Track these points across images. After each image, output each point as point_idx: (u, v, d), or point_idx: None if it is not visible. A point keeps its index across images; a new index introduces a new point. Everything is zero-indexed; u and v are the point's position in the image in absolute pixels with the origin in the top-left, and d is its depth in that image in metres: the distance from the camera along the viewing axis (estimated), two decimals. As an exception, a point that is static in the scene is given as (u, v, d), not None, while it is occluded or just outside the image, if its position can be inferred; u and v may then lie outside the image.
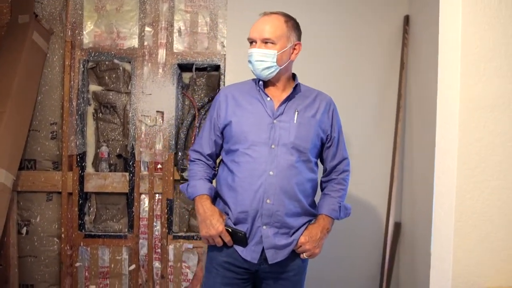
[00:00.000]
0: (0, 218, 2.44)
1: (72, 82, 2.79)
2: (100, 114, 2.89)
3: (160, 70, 2.84)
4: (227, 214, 1.82)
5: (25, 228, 2.79)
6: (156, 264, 2.86)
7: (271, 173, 1.75)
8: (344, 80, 2.90)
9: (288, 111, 1.82)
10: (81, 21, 2.80)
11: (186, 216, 2.96)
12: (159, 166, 2.86)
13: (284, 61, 1.81)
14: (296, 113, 1.82)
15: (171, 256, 2.86)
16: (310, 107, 1.86)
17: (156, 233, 2.86)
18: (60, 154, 2.81)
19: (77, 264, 2.81)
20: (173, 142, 2.86)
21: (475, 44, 1.24)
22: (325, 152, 1.93)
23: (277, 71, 1.80)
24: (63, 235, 2.81)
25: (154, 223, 2.86)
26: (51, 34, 2.79)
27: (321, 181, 2.00)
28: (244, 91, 1.89)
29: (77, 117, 2.80)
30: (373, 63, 2.95)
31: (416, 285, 2.85)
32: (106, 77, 2.85)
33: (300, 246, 1.81)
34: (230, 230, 1.79)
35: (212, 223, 1.77)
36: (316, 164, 1.91)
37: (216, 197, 1.92)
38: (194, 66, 2.87)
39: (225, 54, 2.88)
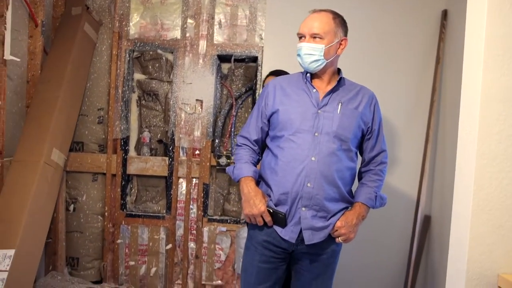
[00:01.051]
0: (53, 194, 2.64)
1: (118, 71, 2.97)
2: (143, 101, 3.06)
3: (201, 61, 2.98)
4: (269, 196, 1.93)
5: (72, 205, 3.00)
6: (191, 244, 3.01)
7: (313, 158, 1.84)
8: (380, 73, 2.95)
9: (332, 103, 1.92)
10: (128, 13, 2.97)
11: (221, 201, 3.09)
12: (197, 152, 3.00)
13: (331, 55, 1.91)
14: (340, 104, 1.91)
15: (205, 238, 3.01)
16: (353, 100, 1.95)
17: (192, 215, 3.01)
18: (106, 138, 3.01)
19: (119, 241, 3.01)
20: (211, 130, 2.99)
21: (499, 39, 1.29)
22: (365, 143, 2.02)
23: (324, 64, 1.90)
24: (106, 214, 3.01)
25: (191, 206, 3.01)
26: (101, 25, 2.98)
27: (359, 171, 2.08)
28: (291, 82, 2.00)
29: (122, 103, 2.98)
30: (409, 57, 2.98)
31: (445, 279, 2.87)
32: (150, 66, 3.02)
33: (336, 230, 1.90)
34: (271, 210, 1.90)
35: (255, 203, 1.89)
36: (356, 154, 2.00)
37: (259, 180, 2.04)
38: (233, 57, 2.99)
39: (263, 46, 2.99)
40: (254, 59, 3.04)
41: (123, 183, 3.00)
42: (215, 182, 3.09)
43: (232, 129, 3.05)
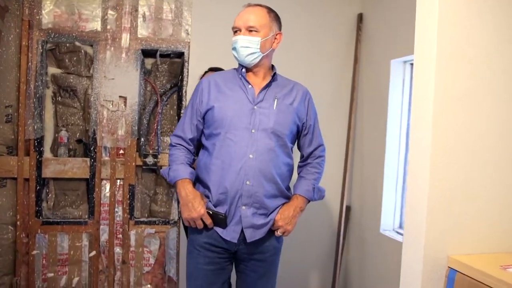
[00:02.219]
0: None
1: (29, 64, 2.68)
2: (60, 97, 2.80)
3: (124, 55, 2.81)
4: (207, 197, 1.90)
5: (-25, 215, 2.65)
6: (117, 249, 2.85)
7: (251, 156, 1.85)
8: (301, 72, 3.07)
9: (268, 98, 1.94)
10: None
11: (148, 202, 2.97)
12: (121, 151, 2.84)
13: (267, 49, 1.93)
14: (276, 100, 1.94)
15: (132, 242, 2.86)
16: (288, 96, 1.98)
17: (118, 218, 2.84)
18: (16, 139, 2.70)
19: (34, 252, 2.73)
20: (136, 128, 2.85)
21: (450, 44, 1.43)
22: (302, 139, 2.07)
23: (260, 57, 1.91)
24: (18, 223, 2.70)
25: (116, 209, 2.84)
26: (6, 11, 2.65)
27: (298, 166, 2.14)
28: (226, 79, 1.99)
29: (34, 100, 2.69)
30: (329, 57, 3.14)
31: (365, 261, 3.10)
32: (67, 60, 2.77)
33: (274, 223, 1.93)
34: (210, 212, 1.87)
35: (194, 206, 1.85)
36: (292, 149, 2.05)
37: (195, 182, 2.00)
38: (158, 52, 2.87)
39: (189, 42, 2.91)
40: (180, 55, 2.95)
41: (37, 187, 2.72)
42: (141, 183, 2.95)
43: (158, 127, 2.94)
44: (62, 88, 2.79)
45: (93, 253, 2.80)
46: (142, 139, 2.87)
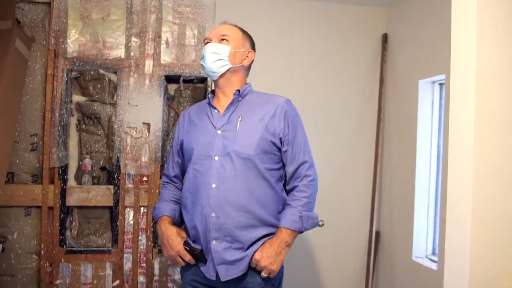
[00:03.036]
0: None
1: (55, 92, 2.69)
2: (84, 125, 2.80)
3: (147, 81, 2.81)
4: (187, 233, 1.84)
5: (0, 245, 2.63)
6: (141, 278, 2.79)
7: (213, 185, 1.73)
8: (328, 94, 3.01)
9: (232, 120, 1.81)
10: (65, 29, 2.72)
11: (172, 229, 2.91)
12: (144, 178, 2.80)
13: (236, 62, 1.86)
14: (240, 119, 1.79)
15: (156, 270, 2.80)
16: (257, 112, 1.81)
17: (141, 247, 2.79)
18: (41, 167, 2.70)
19: (58, 282, 2.69)
20: (159, 155, 2.82)
21: (490, 62, 1.35)
22: (283, 157, 1.83)
23: (227, 67, 1.83)
24: (42, 252, 2.68)
25: (139, 237, 2.79)
26: (33, 41, 2.69)
27: (286, 190, 1.90)
28: (199, 109, 1.96)
29: (59, 128, 2.70)
30: (354, 78, 3.08)
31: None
32: (91, 87, 2.78)
33: (256, 263, 1.71)
34: (187, 248, 1.79)
35: (169, 243, 1.80)
36: (273, 171, 1.82)
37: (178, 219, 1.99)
38: (181, 78, 2.86)
39: (212, 67, 2.90)
40: (203, 80, 2.94)
41: (62, 216, 2.70)
42: (165, 210, 2.90)
43: (182, 153, 2.90)
44: (86, 116, 2.79)
45: (117, 282, 2.75)
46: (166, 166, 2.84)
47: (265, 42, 2.90)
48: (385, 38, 3.10)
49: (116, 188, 2.75)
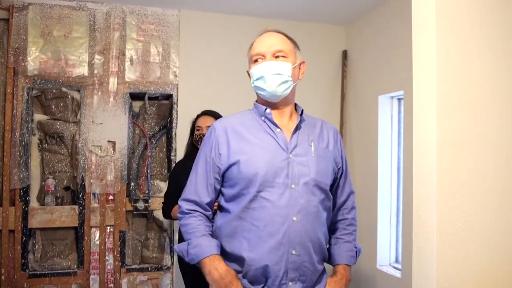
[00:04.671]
0: None
1: (14, 111, 2.62)
2: (46, 144, 2.73)
3: (111, 99, 2.78)
4: (240, 273, 1.50)
5: (-43, 272, 2.52)
6: (109, 300, 2.74)
7: (294, 218, 1.46)
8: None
9: (302, 143, 1.55)
10: (25, 46, 2.65)
11: (139, 248, 2.88)
12: (110, 197, 2.76)
13: (295, 78, 1.55)
14: (312, 144, 1.55)
15: (124, 291, 2.76)
16: (321, 137, 1.61)
17: (109, 267, 2.74)
18: (1, 189, 2.60)
19: (20, 308, 2.60)
20: (125, 173, 2.79)
21: (451, 82, 1.45)
22: (334, 187, 1.65)
23: (290, 88, 1.52)
24: (3, 277, 2.58)
25: (106, 257, 2.74)
26: (-9, 60, 2.61)
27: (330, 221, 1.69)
28: (245, 123, 1.57)
29: (20, 148, 2.62)
30: (317, 93, 3.17)
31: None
32: (53, 106, 2.72)
33: None
34: None
35: None
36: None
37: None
38: (146, 96, 2.85)
39: (177, 84, 2.91)
40: (168, 97, 2.94)
41: (24, 239, 2.61)
42: (132, 228, 2.87)
43: (148, 170, 2.88)
44: (48, 135, 2.73)
45: (83, 305, 2.69)
46: (132, 184, 2.81)
47: (227, 59, 2.93)
48: (345, 54, 3.22)
49: (81, 208, 2.70)
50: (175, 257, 2.77)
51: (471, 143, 1.50)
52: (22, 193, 2.61)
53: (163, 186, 2.85)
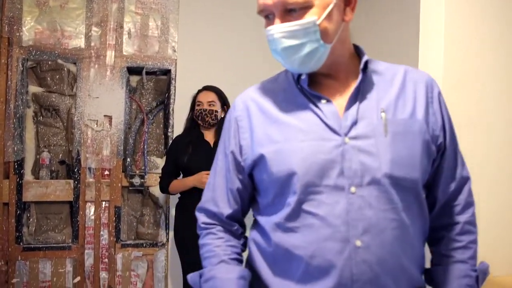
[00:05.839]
0: None
1: (9, 82, 2.56)
2: (41, 117, 2.68)
3: (108, 73, 2.73)
4: None
5: (-50, 243, 2.50)
6: (103, 274, 2.73)
7: (357, 243, 0.91)
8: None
9: (366, 116, 0.95)
10: (20, 16, 2.58)
11: (134, 224, 2.87)
12: (106, 172, 2.74)
13: (334, 31, 0.93)
14: (383, 116, 0.95)
15: (119, 266, 2.76)
16: (401, 100, 0.98)
17: (103, 242, 2.73)
18: (-6, 161, 2.57)
19: (14, 280, 2.59)
20: (122, 148, 2.76)
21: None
22: (433, 172, 1.02)
23: (326, 53, 0.93)
24: (-3, 250, 2.57)
25: (101, 232, 2.73)
26: (-16, 28, 2.54)
27: (430, 228, 1.06)
28: (275, 94, 1.03)
29: (14, 120, 2.57)
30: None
31: None
32: (48, 78, 2.66)
33: None
34: None
35: None
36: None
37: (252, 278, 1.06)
38: (144, 70, 2.80)
39: (176, 59, 2.86)
40: (166, 72, 2.89)
41: (18, 212, 2.59)
42: (127, 204, 2.86)
43: (145, 146, 2.85)
44: (43, 108, 2.68)
45: (78, 279, 2.68)
46: (128, 159, 2.78)
47: (234, 33, 2.87)
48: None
49: (76, 182, 2.67)
50: (170, 234, 2.76)
51: (477, 123, 1.49)
52: (16, 166, 2.57)
53: (160, 162, 2.82)
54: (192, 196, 2.30)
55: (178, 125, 2.70)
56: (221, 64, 2.93)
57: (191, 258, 2.35)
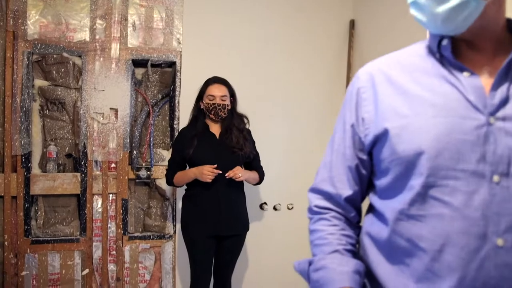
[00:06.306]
0: None
1: (15, 76, 2.56)
2: (47, 111, 2.69)
3: (113, 65, 2.72)
4: None
5: (-40, 236, 2.52)
6: (111, 266, 2.75)
7: (500, 242, 0.80)
8: (296, 79, 3.03)
9: None
10: (24, 9, 2.57)
11: (142, 216, 2.88)
12: (113, 165, 2.74)
13: None
14: None
15: (127, 258, 2.77)
16: None
17: (111, 234, 2.75)
18: (2, 155, 2.58)
19: (23, 273, 2.61)
20: (128, 140, 2.76)
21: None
22: None
23: (478, 11, 0.81)
24: (6, 243, 2.58)
25: (109, 224, 2.74)
26: (-10, 22, 2.54)
27: None
28: (407, 64, 0.94)
29: (21, 114, 2.58)
30: (323, 64, 3.11)
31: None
32: (54, 72, 2.66)
33: None
34: None
35: None
36: None
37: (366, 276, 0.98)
38: (149, 62, 2.79)
39: (181, 51, 2.84)
40: (171, 64, 2.88)
41: (26, 205, 2.60)
42: (134, 197, 2.86)
43: (151, 139, 2.85)
44: (49, 101, 2.68)
45: (86, 271, 2.70)
46: (135, 152, 2.79)
47: (238, 24, 2.86)
48: (352, 24, 3.14)
49: (83, 175, 2.68)
50: (178, 226, 2.77)
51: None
52: (23, 160, 2.58)
53: (166, 154, 2.82)
54: (196, 188, 2.31)
55: (183, 117, 2.69)
56: (226, 56, 2.93)
57: (198, 250, 2.36)
